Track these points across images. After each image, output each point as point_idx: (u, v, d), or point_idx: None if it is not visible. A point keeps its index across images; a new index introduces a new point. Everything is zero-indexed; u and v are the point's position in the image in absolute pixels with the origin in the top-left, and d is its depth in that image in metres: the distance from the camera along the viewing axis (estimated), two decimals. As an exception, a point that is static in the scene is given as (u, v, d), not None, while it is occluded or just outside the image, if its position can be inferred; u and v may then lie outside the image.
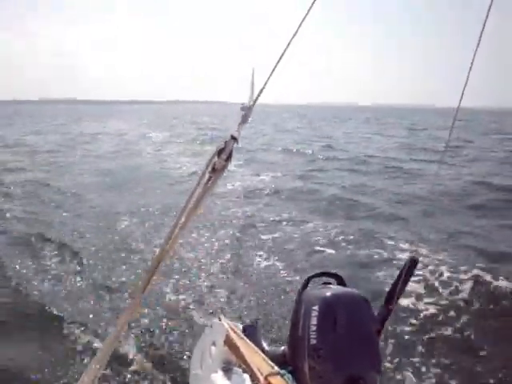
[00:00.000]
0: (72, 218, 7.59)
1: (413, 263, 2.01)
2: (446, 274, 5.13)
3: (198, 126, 36.34)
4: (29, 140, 22.39)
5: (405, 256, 5.20)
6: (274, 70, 1.10)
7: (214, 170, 1.15)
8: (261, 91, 1.12)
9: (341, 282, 2.14)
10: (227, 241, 6.44)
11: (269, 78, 1.10)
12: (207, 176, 1.16)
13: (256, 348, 1.87)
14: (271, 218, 7.90)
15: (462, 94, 1.44)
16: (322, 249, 6.34)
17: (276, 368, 1.68)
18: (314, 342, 1.81)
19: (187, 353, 3.44)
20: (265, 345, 2.20)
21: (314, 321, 1.86)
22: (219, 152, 1.13)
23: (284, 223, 7.67)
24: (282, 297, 4.61)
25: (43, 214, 7.76)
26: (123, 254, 5.70)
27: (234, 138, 1.12)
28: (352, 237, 6.81)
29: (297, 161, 16.02)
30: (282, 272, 5.36)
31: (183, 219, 1.21)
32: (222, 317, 2.15)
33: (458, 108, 1.54)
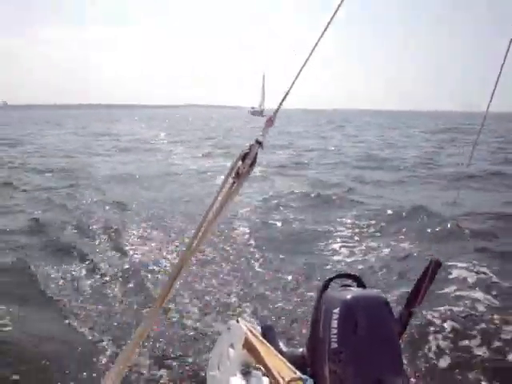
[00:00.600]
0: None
1: (435, 266, 1.97)
2: (471, 280, 5.00)
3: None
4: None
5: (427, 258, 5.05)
6: (299, 73, 1.06)
7: (237, 174, 1.12)
8: (286, 94, 1.09)
9: (360, 283, 2.11)
10: (241, 241, 6.44)
11: (294, 81, 1.06)
12: (231, 181, 1.13)
13: (275, 351, 1.85)
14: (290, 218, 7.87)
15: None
16: (338, 249, 6.31)
17: (298, 373, 1.66)
18: (334, 345, 1.78)
19: (204, 356, 3.41)
20: (282, 346, 2.18)
21: (334, 324, 1.83)
22: (243, 157, 1.10)
23: (301, 223, 7.62)
24: (298, 298, 4.56)
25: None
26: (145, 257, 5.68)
27: (258, 143, 1.09)
28: (369, 238, 6.75)
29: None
30: (297, 272, 5.31)
31: (205, 225, 1.19)
32: (240, 319, 2.14)
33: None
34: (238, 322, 2.15)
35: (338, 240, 6.72)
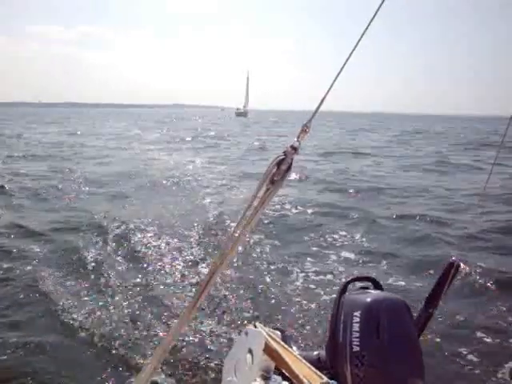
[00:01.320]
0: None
1: (454, 267, 1.98)
2: (490, 281, 4.97)
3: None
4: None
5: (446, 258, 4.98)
6: (336, 77, 1.06)
7: (272, 181, 1.12)
8: (323, 100, 1.09)
9: (377, 285, 2.11)
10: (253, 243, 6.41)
11: (332, 85, 1.06)
12: (265, 188, 1.13)
13: (299, 356, 1.84)
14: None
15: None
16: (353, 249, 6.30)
17: (325, 377, 1.65)
18: (356, 348, 1.78)
19: (216, 361, 3.41)
20: (295, 349, 2.17)
21: (355, 327, 1.83)
22: (278, 163, 1.10)
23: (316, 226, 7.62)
24: (307, 300, 4.57)
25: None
26: (176, 262, 5.64)
27: (294, 149, 1.09)
28: (386, 238, 6.74)
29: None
30: (308, 275, 5.31)
31: (239, 231, 1.19)
32: (257, 324, 2.13)
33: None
34: (255, 326, 2.14)
35: (352, 241, 6.72)
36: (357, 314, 1.82)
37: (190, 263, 5.64)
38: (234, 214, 7.64)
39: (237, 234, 1.19)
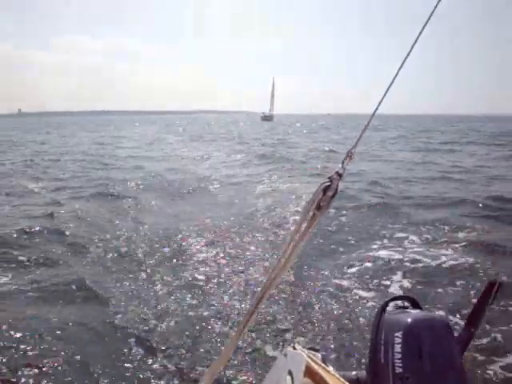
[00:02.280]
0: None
1: (496, 286, 1.95)
2: None
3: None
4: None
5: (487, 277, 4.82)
6: (394, 79, 1.09)
7: (318, 207, 1.14)
8: (379, 103, 1.11)
9: (416, 305, 2.10)
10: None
11: (388, 88, 1.09)
12: (311, 213, 1.15)
13: (341, 378, 1.83)
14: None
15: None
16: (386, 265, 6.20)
17: None
18: (399, 370, 1.77)
19: (254, 382, 3.39)
20: (331, 369, 2.16)
21: (397, 348, 1.82)
22: (324, 189, 1.13)
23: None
24: (346, 320, 4.50)
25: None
26: (228, 282, 5.66)
27: (339, 175, 1.12)
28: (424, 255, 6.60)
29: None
30: (346, 294, 5.25)
31: (286, 256, 1.21)
32: (296, 345, 2.12)
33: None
34: (294, 348, 2.13)
35: (390, 254, 6.60)
36: (398, 334, 1.81)
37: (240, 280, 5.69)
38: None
39: (283, 261, 1.22)
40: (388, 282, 5.61)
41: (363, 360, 3.34)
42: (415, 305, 2.10)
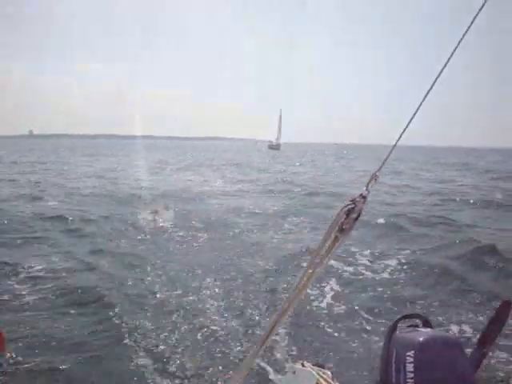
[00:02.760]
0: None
1: (508, 306, 1.93)
2: None
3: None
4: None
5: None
6: (420, 105, 1.08)
7: (341, 229, 1.12)
8: (406, 128, 1.10)
9: (427, 323, 2.08)
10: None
11: (415, 114, 1.08)
12: (333, 236, 1.13)
13: None
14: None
15: None
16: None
17: None
18: None
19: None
20: None
21: (409, 367, 1.80)
22: (348, 211, 1.11)
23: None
24: (355, 338, 4.45)
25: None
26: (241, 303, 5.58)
27: (363, 197, 1.10)
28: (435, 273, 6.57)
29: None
30: (355, 311, 5.21)
31: (305, 278, 1.20)
32: (305, 363, 2.09)
33: None
34: (303, 365, 2.10)
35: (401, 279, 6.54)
36: (410, 353, 1.79)
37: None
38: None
39: (303, 282, 1.20)
40: (400, 300, 5.53)
41: (373, 378, 3.31)
42: (426, 323, 2.09)
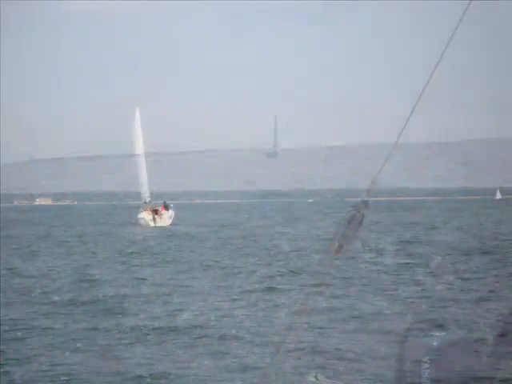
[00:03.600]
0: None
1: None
2: None
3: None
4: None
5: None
6: (415, 106, 1.06)
7: (345, 236, 1.09)
8: (403, 128, 1.08)
9: (440, 328, 2.04)
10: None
11: (410, 115, 1.06)
12: (337, 245, 1.10)
13: None
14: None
15: None
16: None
17: None
18: None
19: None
20: None
21: (425, 373, 1.76)
22: (350, 219, 1.08)
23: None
24: (367, 346, 4.39)
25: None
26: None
27: (365, 204, 1.07)
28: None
29: None
30: (366, 320, 5.17)
31: (313, 286, 1.16)
32: (318, 376, 2.04)
33: None
34: (317, 379, 2.05)
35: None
36: (426, 359, 1.76)
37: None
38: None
39: (307, 295, 1.16)
40: (411, 306, 5.43)
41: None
42: (439, 328, 2.05)
